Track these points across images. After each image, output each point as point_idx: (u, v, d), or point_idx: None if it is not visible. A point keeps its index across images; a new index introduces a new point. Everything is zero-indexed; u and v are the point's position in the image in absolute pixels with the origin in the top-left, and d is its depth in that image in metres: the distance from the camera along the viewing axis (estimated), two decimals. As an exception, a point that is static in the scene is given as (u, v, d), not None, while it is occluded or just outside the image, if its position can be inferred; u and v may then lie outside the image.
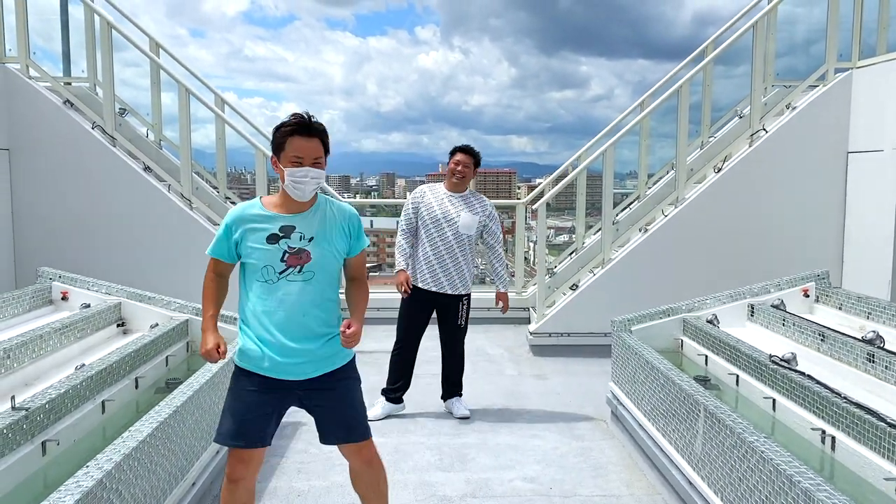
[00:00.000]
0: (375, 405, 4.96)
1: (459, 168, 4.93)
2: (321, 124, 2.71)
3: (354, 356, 2.93)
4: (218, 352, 2.73)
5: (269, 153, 7.23)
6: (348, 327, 2.71)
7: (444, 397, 5.17)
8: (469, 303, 5.05)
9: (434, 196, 4.97)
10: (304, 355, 2.74)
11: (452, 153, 5.02)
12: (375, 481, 2.98)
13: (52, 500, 2.28)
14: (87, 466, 2.53)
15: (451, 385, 5.15)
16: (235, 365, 2.81)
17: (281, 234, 2.70)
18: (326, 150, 2.74)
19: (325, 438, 2.92)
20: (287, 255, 2.70)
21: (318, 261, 2.73)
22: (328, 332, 2.78)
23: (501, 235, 5.16)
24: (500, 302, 5.08)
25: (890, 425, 2.80)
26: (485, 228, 5.00)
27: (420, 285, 4.92)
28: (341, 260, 2.84)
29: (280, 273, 2.70)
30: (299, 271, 2.71)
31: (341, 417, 2.85)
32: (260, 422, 2.77)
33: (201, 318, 2.89)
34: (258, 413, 2.77)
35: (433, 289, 4.90)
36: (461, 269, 4.91)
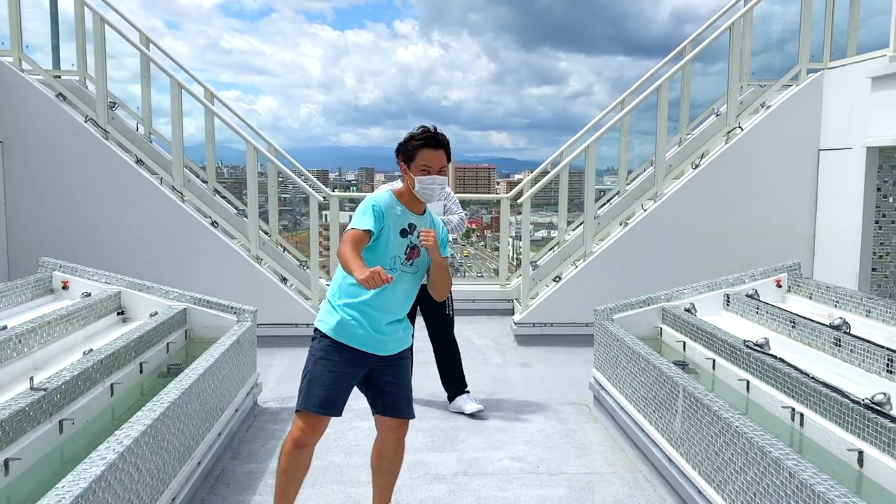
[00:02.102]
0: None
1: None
2: (445, 136, 3.07)
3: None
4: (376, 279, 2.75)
5: (260, 147, 7.36)
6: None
7: (451, 398, 5.10)
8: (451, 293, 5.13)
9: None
10: (392, 334, 3.09)
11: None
12: (398, 460, 3.32)
13: (79, 470, 2.44)
14: (108, 441, 2.69)
15: (456, 386, 5.11)
16: (328, 338, 3.04)
17: (408, 230, 3.03)
18: (449, 159, 3.11)
19: (392, 410, 3.20)
20: (408, 248, 3.04)
21: (423, 258, 3.09)
22: (406, 316, 3.18)
23: (463, 213, 5.26)
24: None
25: (853, 402, 3.04)
26: (446, 209, 5.14)
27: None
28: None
29: (402, 263, 3.03)
30: (411, 264, 3.06)
31: (404, 392, 3.21)
32: (344, 393, 3.09)
33: (354, 272, 2.76)
34: (345, 384, 3.07)
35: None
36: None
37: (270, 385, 5.55)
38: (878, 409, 2.93)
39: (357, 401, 5.15)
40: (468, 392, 5.10)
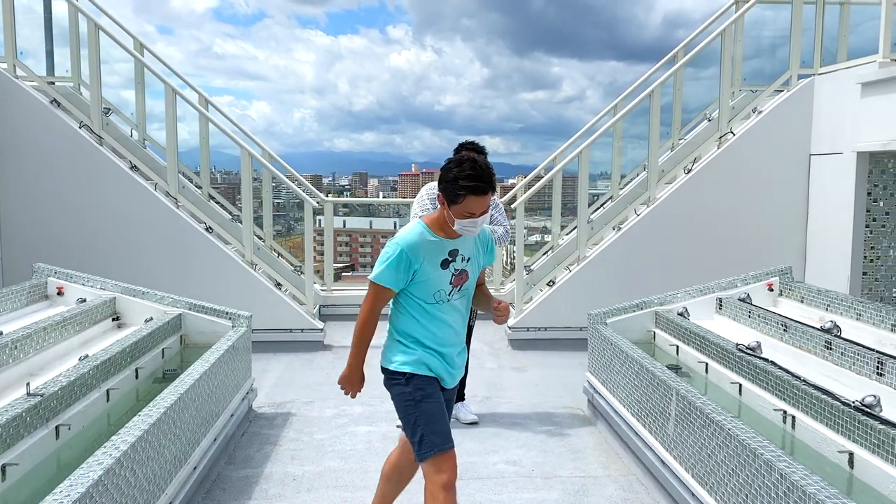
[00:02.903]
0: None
1: None
2: (491, 171, 2.77)
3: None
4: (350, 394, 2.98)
5: (254, 153, 7.37)
6: (499, 303, 2.94)
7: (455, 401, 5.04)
8: None
9: None
10: (460, 366, 3.00)
11: (457, 151, 4.73)
12: (412, 475, 3.16)
13: (76, 475, 2.45)
14: (105, 446, 2.70)
15: (458, 394, 4.95)
16: (416, 376, 2.85)
17: (450, 259, 2.84)
18: (494, 190, 2.85)
19: None
20: (453, 276, 2.86)
21: (471, 279, 2.93)
22: (463, 344, 3.05)
23: (507, 224, 5.06)
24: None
25: (844, 404, 3.08)
26: (492, 219, 4.90)
27: None
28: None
29: (449, 294, 2.86)
30: (459, 290, 2.89)
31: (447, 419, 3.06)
32: (448, 421, 2.94)
33: (350, 349, 2.93)
34: (446, 413, 2.93)
35: None
36: None
37: (265, 390, 5.55)
38: (869, 411, 2.97)
39: (352, 406, 5.22)
40: (464, 401, 5.05)
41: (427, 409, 2.83)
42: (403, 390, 2.86)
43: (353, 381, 2.93)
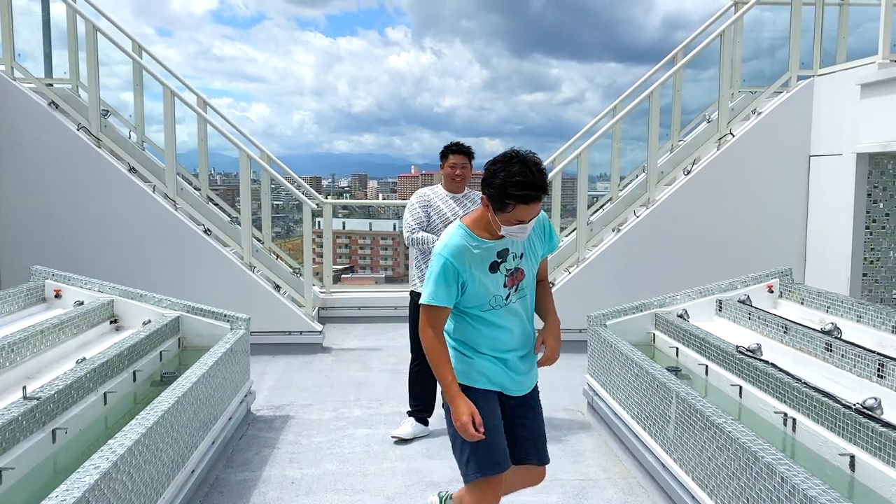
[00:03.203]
0: (404, 424, 4.73)
1: (458, 172, 4.65)
2: (544, 178, 2.46)
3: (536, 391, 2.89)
4: (474, 424, 2.53)
5: (253, 154, 7.35)
6: (543, 343, 2.73)
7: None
8: None
9: (439, 198, 4.69)
10: (528, 371, 2.75)
11: (445, 155, 4.72)
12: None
13: (73, 479, 2.43)
14: (102, 450, 2.68)
15: None
16: (468, 388, 2.64)
17: (499, 260, 2.58)
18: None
19: (529, 455, 2.78)
20: (506, 278, 2.61)
21: (529, 275, 2.68)
22: (533, 346, 2.77)
23: None
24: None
25: (845, 407, 3.06)
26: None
27: None
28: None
29: (506, 298, 2.62)
30: (516, 290, 2.64)
31: (539, 436, 2.80)
32: (504, 441, 2.68)
33: (441, 383, 2.62)
34: (501, 430, 2.68)
35: None
36: None
37: (264, 393, 5.53)
38: (870, 413, 2.95)
39: (350, 409, 5.21)
40: None
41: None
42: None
43: (466, 413, 2.53)
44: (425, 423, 4.73)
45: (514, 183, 2.39)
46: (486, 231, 2.57)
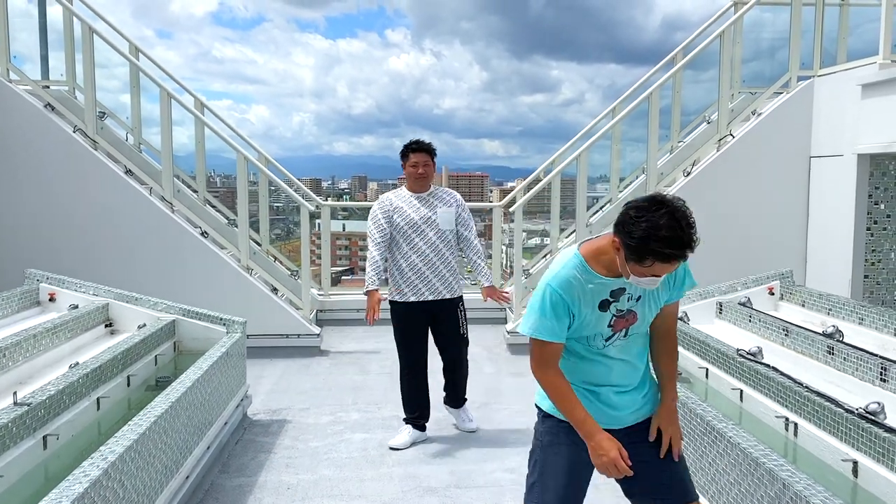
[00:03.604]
0: (401, 432, 4.60)
1: (420, 170, 4.53)
2: (692, 234, 2.12)
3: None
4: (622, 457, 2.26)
5: (250, 156, 7.32)
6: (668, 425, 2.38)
7: (453, 404, 4.82)
8: (464, 307, 4.68)
9: (403, 201, 4.56)
10: (628, 406, 2.39)
11: (406, 154, 4.57)
12: None
13: (62, 488, 2.39)
14: (93, 458, 2.64)
15: (460, 391, 4.81)
16: (552, 417, 2.44)
17: (612, 300, 2.27)
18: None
19: (660, 495, 2.39)
20: (614, 318, 2.29)
21: (643, 321, 2.34)
22: (640, 381, 2.42)
23: (474, 225, 4.76)
24: (489, 297, 4.66)
25: (847, 412, 3.02)
26: (459, 218, 4.60)
27: (413, 299, 4.49)
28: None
29: (606, 340, 2.32)
30: (625, 334, 2.33)
31: (669, 469, 2.39)
32: (583, 483, 2.44)
33: (574, 423, 2.32)
34: (582, 472, 2.41)
35: (430, 298, 4.49)
36: (452, 268, 4.56)
37: (261, 396, 5.49)
38: (873, 418, 2.91)
39: (348, 413, 5.16)
40: (464, 406, 4.85)
41: (549, 458, 2.41)
42: (538, 426, 2.51)
43: (613, 448, 2.25)
44: (422, 430, 4.66)
45: (659, 238, 2.03)
46: (606, 268, 2.24)
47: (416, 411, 4.63)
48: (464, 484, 4.02)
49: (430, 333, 4.67)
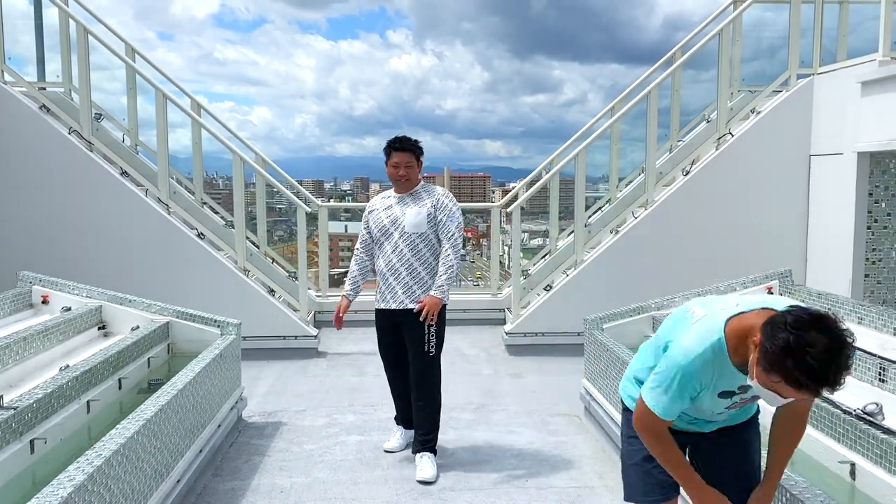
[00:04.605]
0: (394, 435, 4.50)
1: (402, 172, 4.15)
2: (840, 381, 1.81)
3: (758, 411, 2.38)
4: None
5: (247, 157, 7.28)
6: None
7: (414, 450, 4.25)
8: (441, 325, 4.17)
9: (382, 203, 4.27)
10: (716, 423, 2.32)
11: (388, 152, 4.18)
12: None
13: (46, 493, 2.35)
14: (78, 462, 2.60)
15: (421, 435, 4.21)
16: (630, 410, 2.41)
17: (737, 392, 2.13)
18: None
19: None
20: (732, 403, 2.18)
21: (757, 402, 2.26)
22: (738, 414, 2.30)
23: (458, 233, 4.19)
24: (421, 307, 4.06)
25: (845, 412, 2.98)
26: (434, 220, 4.15)
27: (381, 306, 4.24)
28: None
29: (717, 414, 2.25)
30: (739, 410, 2.25)
31: (749, 473, 2.31)
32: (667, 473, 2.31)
33: (681, 482, 2.27)
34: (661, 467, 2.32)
35: (393, 306, 4.16)
36: (419, 277, 4.12)
37: (256, 399, 5.45)
38: (871, 419, 2.87)
39: (344, 415, 5.13)
40: (433, 451, 4.21)
41: (630, 452, 2.41)
42: (622, 417, 2.51)
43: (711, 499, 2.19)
44: (410, 427, 4.42)
45: (807, 370, 1.78)
46: (742, 358, 2.01)
47: (399, 412, 4.50)
48: (459, 486, 3.98)
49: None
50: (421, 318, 4.05)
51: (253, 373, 5.90)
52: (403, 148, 4.15)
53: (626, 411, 2.46)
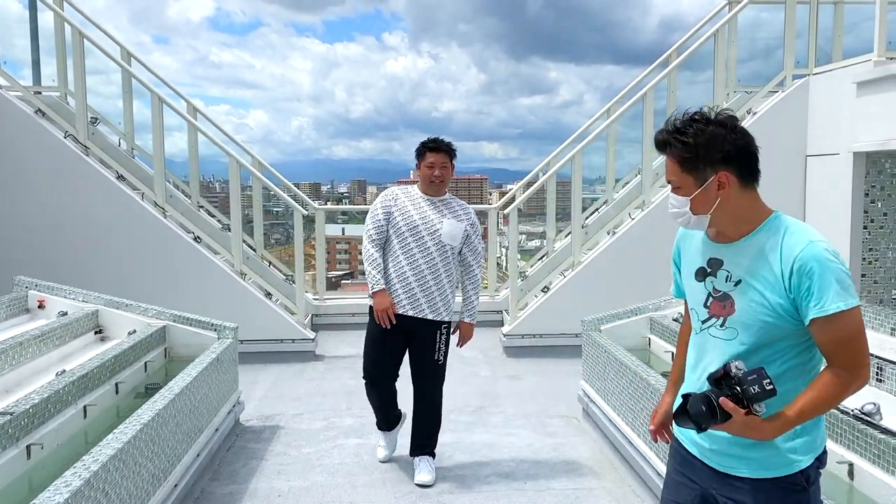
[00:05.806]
0: (381, 441, 4.38)
1: (437, 172, 4.02)
2: (665, 137, 2.00)
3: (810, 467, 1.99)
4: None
5: (244, 161, 7.27)
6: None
7: (413, 452, 4.19)
8: (449, 333, 4.13)
9: (409, 200, 4.06)
10: (724, 451, 1.92)
11: (421, 152, 4.07)
12: None
13: (42, 499, 2.35)
14: (75, 467, 2.59)
15: (423, 439, 4.19)
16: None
17: (708, 270, 1.94)
18: None
19: None
20: (711, 299, 1.93)
21: (741, 316, 1.86)
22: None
23: (483, 252, 4.26)
24: (459, 334, 4.18)
25: (842, 412, 2.97)
26: (466, 240, 4.09)
27: (398, 311, 4.02)
28: (781, 322, 1.82)
29: (703, 322, 1.95)
30: (721, 325, 1.90)
31: None
32: None
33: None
34: (677, 498, 2.08)
35: (410, 313, 3.99)
36: (443, 289, 4.03)
37: (254, 402, 5.44)
38: (868, 419, 2.86)
39: (342, 418, 5.11)
40: (432, 455, 4.20)
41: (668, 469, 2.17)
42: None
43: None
44: (395, 423, 4.36)
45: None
46: (712, 229, 1.96)
47: (381, 419, 4.34)
48: (457, 489, 3.97)
49: (405, 358, 4.20)
50: (458, 346, 4.22)
51: (250, 376, 5.88)
52: (439, 149, 4.05)
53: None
